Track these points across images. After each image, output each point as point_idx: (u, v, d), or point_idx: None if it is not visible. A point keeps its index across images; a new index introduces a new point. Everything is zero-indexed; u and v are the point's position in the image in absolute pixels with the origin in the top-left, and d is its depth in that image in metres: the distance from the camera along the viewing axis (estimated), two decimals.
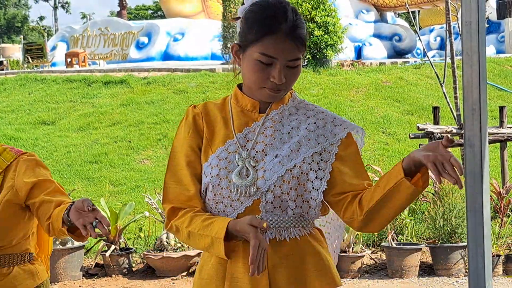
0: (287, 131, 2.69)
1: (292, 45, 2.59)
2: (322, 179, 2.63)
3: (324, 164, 2.64)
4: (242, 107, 2.75)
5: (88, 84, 17.49)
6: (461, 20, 3.01)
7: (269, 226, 2.59)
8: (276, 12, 2.60)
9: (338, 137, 2.68)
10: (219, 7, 23.94)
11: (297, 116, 2.72)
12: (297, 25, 2.60)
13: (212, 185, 2.64)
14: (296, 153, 2.63)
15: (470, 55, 3.01)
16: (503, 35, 24.97)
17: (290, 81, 2.63)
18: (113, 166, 12.66)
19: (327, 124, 2.71)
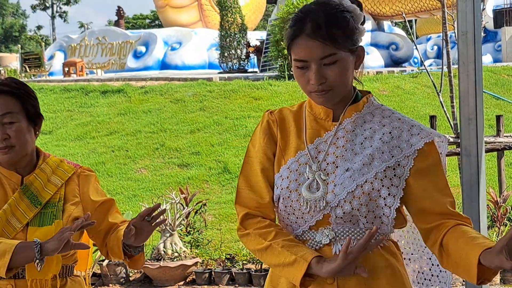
0: (360, 141, 2.58)
1: (319, 43, 2.47)
2: (395, 196, 2.51)
3: (397, 180, 2.52)
4: (315, 115, 2.65)
5: (85, 94, 17.49)
6: (457, 30, 3.02)
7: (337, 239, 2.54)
8: (300, 16, 2.54)
9: (414, 148, 2.54)
10: (217, 17, 23.98)
11: (372, 125, 2.59)
12: (325, 22, 2.49)
13: (282, 197, 2.59)
14: (368, 167, 2.52)
15: (466, 65, 3.03)
16: (499, 44, 25.02)
17: (333, 79, 2.50)
18: (110, 175, 12.65)
19: (403, 133, 2.57)
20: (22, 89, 3.12)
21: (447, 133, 10.90)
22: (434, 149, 2.58)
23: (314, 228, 2.57)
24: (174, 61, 24.93)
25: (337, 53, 2.49)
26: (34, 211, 3.04)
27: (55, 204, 3.07)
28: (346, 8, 2.56)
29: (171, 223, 8.62)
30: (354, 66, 2.57)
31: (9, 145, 3.01)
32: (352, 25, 2.54)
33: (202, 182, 12.09)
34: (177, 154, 13.28)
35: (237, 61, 22.11)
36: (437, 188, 2.55)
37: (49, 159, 3.17)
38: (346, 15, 2.54)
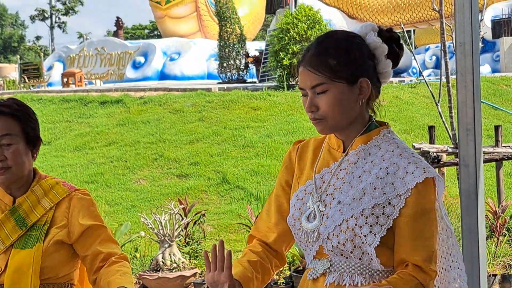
0: (358, 174, 2.55)
1: (310, 72, 2.52)
2: (376, 235, 2.46)
3: (384, 219, 2.47)
4: (330, 145, 2.66)
5: (84, 104, 17.50)
6: (455, 41, 3.02)
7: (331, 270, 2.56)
8: (307, 46, 2.61)
9: (407, 187, 2.47)
10: (216, 27, 24.00)
11: (374, 158, 2.56)
12: (316, 53, 2.54)
13: (290, 225, 2.66)
14: (357, 202, 2.50)
15: (464, 76, 3.03)
16: (498, 54, 25.04)
17: (325, 108, 2.52)
18: (109, 186, 12.64)
19: (400, 170, 2.50)
20: (23, 110, 3.11)
21: (445, 143, 10.91)
22: (428, 190, 2.50)
23: (317, 257, 2.59)
24: (173, 71, 24.96)
25: (327, 83, 2.51)
26: (19, 233, 3.04)
27: (40, 227, 3.06)
28: (356, 40, 2.58)
29: (170, 234, 8.61)
30: (356, 98, 2.55)
31: (5, 166, 3.01)
32: (355, 57, 2.54)
33: (201, 192, 12.08)
34: (176, 164, 13.27)
35: (236, 72, 22.13)
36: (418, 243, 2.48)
37: (44, 181, 3.15)
38: (351, 46, 2.56)
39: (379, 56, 2.58)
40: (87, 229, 3.07)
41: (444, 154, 9.21)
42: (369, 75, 2.56)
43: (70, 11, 75.02)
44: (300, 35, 17.37)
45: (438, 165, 9.23)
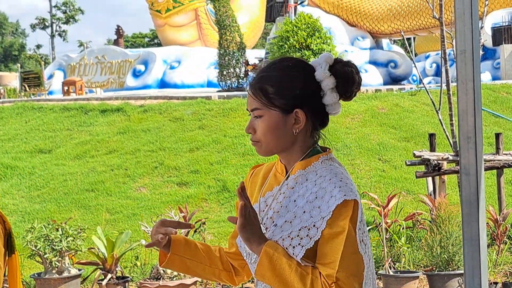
0: (294, 198, 2.60)
1: (250, 95, 2.61)
2: (297, 256, 2.51)
3: (306, 240, 2.52)
4: (277, 169, 2.73)
5: (85, 112, 17.51)
6: (456, 49, 3.02)
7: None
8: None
9: (329, 210, 2.50)
10: (215, 35, 24.04)
11: (308, 183, 2.60)
12: (258, 78, 2.62)
13: (238, 245, 2.76)
14: (288, 225, 2.56)
15: (465, 84, 3.02)
16: (498, 61, 25.05)
17: (258, 132, 2.60)
18: (110, 194, 12.64)
19: (326, 194, 2.54)
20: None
21: (446, 150, 10.91)
22: (344, 212, 2.51)
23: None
24: (173, 79, 24.98)
25: (261, 108, 2.59)
26: None
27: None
28: (302, 69, 2.62)
29: None
30: (291, 127, 2.60)
31: None
32: (294, 86, 2.59)
33: (201, 200, 12.07)
34: (176, 172, 13.27)
35: (236, 80, 22.15)
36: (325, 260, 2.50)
37: None
38: (293, 75, 2.60)
39: (325, 88, 2.62)
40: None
41: (445, 162, 9.21)
42: (308, 106, 2.60)
43: (70, 19, 75.13)
44: (300, 43, 17.39)
45: (439, 173, 9.23)
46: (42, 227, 8.67)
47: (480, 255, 3.21)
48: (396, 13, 26.10)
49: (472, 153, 2.99)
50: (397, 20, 26.01)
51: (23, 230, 8.87)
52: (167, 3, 28.14)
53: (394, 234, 9.05)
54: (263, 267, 2.50)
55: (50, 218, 10.28)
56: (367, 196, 10.56)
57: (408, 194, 11.91)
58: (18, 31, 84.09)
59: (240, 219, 2.51)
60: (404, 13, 25.99)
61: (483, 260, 3.30)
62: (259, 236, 2.54)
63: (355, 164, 13.30)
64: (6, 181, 13.45)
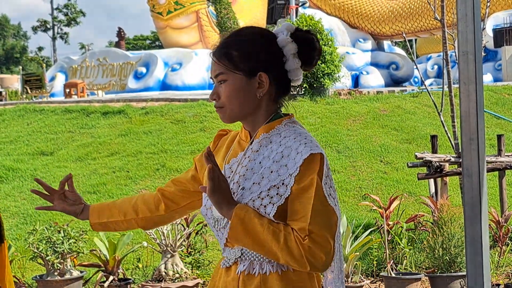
0: (259, 161, 2.65)
1: (214, 62, 2.67)
2: (270, 214, 2.54)
3: (277, 198, 2.55)
4: (240, 137, 2.79)
5: (86, 115, 17.51)
6: (458, 51, 3.02)
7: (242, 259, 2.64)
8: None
9: (296, 166, 2.55)
10: (217, 37, 24.01)
11: (272, 145, 2.66)
12: (223, 44, 2.69)
13: (203, 214, 2.76)
14: (257, 186, 2.59)
15: (467, 85, 3.02)
16: (500, 63, 25.05)
17: (222, 97, 2.66)
18: (112, 196, 12.63)
19: (292, 151, 2.58)
20: None
21: (448, 152, 10.91)
22: (311, 167, 2.55)
23: (229, 245, 2.67)
24: (175, 81, 24.97)
25: (225, 73, 2.65)
26: None
27: None
28: (264, 36, 2.70)
29: (172, 244, 8.60)
30: (255, 91, 2.66)
31: None
32: (257, 51, 2.66)
33: None
34: (177, 174, 13.25)
35: None
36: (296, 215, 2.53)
37: None
38: (256, 41, 2.68)
39: (287, 54, 2.68)
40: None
41: (447, 164, 9.20)
42: (271, 70, 2.66)
43: (72, 22, 75.17)
44: None
45: (441, 175, 9.23)
46: (44, 229, 8.67)
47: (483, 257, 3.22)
48: (398, 15, 26.10)
49: (474, 155, 3.00)
50: (398, 21, 26.01)
51: (25, 232, 8.87)
52: (168, 5, 28.13)
53: (396, 236, 9.05)
54: (235, 229, 2.51)
55: (52, 220, 10.28)
56: (369, 198, 10.56)
57: (410, 196, 11.90)
58: (20, 33, 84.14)
59: (209, 182, 2.53)
60: (405, 14, 25.99)
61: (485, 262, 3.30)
62: (229, 200, 2.56)
63: (356, 166, 13.29)
64: (8, 183, 13.45)
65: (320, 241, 2.48)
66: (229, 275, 2.65)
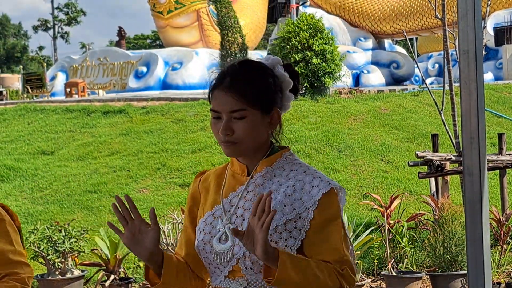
0: None
1: (231, 97, 2.62)
2: (292, 247, 2.56)
3: (297, 232, 2.57)
4: (234, 171, 2.76)
5: (87, 114, 17.51)
6: (458, 49, 3.01)
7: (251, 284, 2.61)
8: (223, 71, 2.72)
9: (314, 199, 2.58)
10: (217, 36, 24.04)
11: (279, 178, 2.66)
12: (238, 79, 2.65)
13: (199, 249, 2.72)
14: None
15: (468, 84, 3.02)
16: (501, 61, 25.03)
17: (241, 133, 2.62)
18: (112, 195, 12.63)
19: (306, 185, 2.62)
20: None
21: (449, 151, 10.90)
22: (333, 200, 2.61)
23: (231, 277, 2.65)
24: (175, 81, 24.96)
25: (247, 109, 2.62)
26: None
27: None
28: (269, 72, 2.70)
29: (173, 243, 8.60)
30: (268, 126, 2.68)
31: None
32: (270, 88, 2.66)
33: None
34: (178, 174, 13.27)
35: None
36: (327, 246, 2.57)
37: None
38: (266, 78, 2.67)
39: (285, 89, 2.73)
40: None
41: (448, 163, 9.20)
42: (279, 105, 2.71)
43: (72, 21, 75.15)
44: (302, 44, 17.38)
45: (442, 174, 9.22)
46: (45, 228, 8.68)
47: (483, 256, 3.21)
48: (399, 14, 26.09)
49: (475, 153, 2.99)
50: (399, 20, 26.00)
51: (26, 231, 8.88)
52: (168, 4, 28.13)
53: (396, 235, 9.05)
54: (285, 265, 2.45)
55: (53, 220, 10.29)
56: (370, 197, 10.55)
57: (411, 195, 11.90)
58: (21, 33, 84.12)
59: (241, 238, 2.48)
60: (406, 13, 25.98)
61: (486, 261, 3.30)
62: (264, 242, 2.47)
63: (357, 165, 13.29)
64: (8, 183, 13.45)
65: (352, 267, 2.59)
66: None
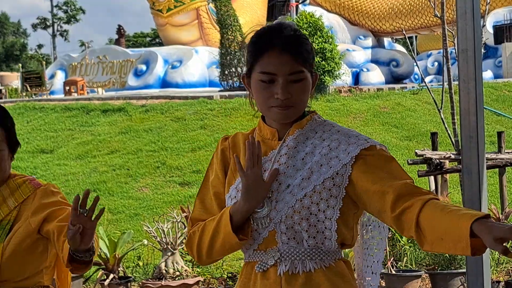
0: (301, 157, 2.60)
1: (289, 58, 2.54)
2: (335, 207, 2.52)
3: (336, 190, 2.52)
4: (263, 136, 2.70)
5: (86, 112, 17.51)
6: (458, 48, 3.01)
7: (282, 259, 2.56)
8: (270, 31, 2.61)
9: (351, 155, 2.54)
10: (217, 34, 24.03)
11: (313, 140, 2.62)
12: (294, 39, 2.58)
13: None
14: (307, 182, 2.54)
15: (466, 83, 3.02)
16: (500, 59, 25.04)
17: (297, 96, 2.56)
18: (112, 194, 12.63)
19: (341, 143, 2.58)
20: (8, 118, 3.15)
21: (448, 149, 10.90)
22: (376, 152, 2.58)
23: (262, 248, 2.58)
24: (175, 79, 24.95)
25: (304, 71, 2.57)
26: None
27: (3, 227, 3.05)
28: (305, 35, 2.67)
29: (173, 242, 8.60)
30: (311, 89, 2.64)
31: None
32: (312, 50, 2.64)
33: None
34: (178, 172, 13.27)
35: (238, 79, 22.13)
36: (389, 175, 2.51)
37: (12, 180, 3.16)
38: (307, 39, 2.65)
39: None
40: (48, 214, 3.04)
41: (447, 161, 9.19)
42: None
43: (71, 19, 75.15)
44: None
45: (441, 172, 9.22)
46: None
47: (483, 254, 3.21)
48: (398, 12, 26.10)
49: (474, 152, 2.99)
50: (399, 18, 26.00)
51: None
52: (168, 2, 28.11)
53: (396, 233, 9.04)
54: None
55: None
56: None
57: None
58: (20, 31, 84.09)
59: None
60: (405, 11, 25.98)
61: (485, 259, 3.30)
62: None
63: None
64: None
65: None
66: (268, 278, 2.57)
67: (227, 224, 2.54)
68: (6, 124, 3.12)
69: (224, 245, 2.59)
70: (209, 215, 2.68)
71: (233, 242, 2.54)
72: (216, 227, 2.59)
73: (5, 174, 3.12)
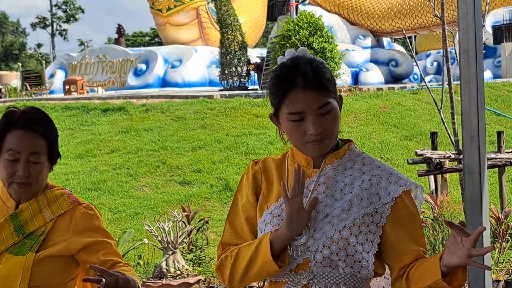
0: (340, 188, 2.62)
1: (314, 93, 2.55)
2: (373, 242, 2.56)
3: (374, 227, 2.57)
4: (297, 163, 2.68)
5: (86, 112, 17.52)
6: (459, 48, 3.03)
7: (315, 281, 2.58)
8: (288, 70, 2.60)
9: (392, 196, 2.58)
10: (217, 34, 24.04)
11: (352, 172, 2.64)
12: (313, 73, 2.58)
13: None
14: (347, 213, 2.56)
15: (468, 83, 3.04)
16: (499, 59, 25.05)
17: (329, 127, 2.58)
18: (112, 193, 12.65)
19: (382, 181, 2.61)
20: (52, 129, 3.12)
21: (448, 149, 10.92)
22: (411, 199, 2.64)
23: (295, 271, 2.60)
24: (175, 78, 24.97)
25: (331, 101, 2.59)
26: (15, 239, 3.03)
27: (37, 237, 3.04)
28: (321, 61, 2.66)
29: (173, 241, 8.62)
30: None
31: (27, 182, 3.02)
32: (331, 76, 2.64)
33: (204, 199, 12.09)
34: (178, 171, 13.28)
35: (238, 79, 22.14)
36: (412, 239, 2.62)
37: (50, 191, 3.14)
38: (325, 67, 2.64)
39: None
40: (91, 244, 3.04)
41: (447, 160, 9.21)
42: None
43: (71, 18, 75.08)
44: (301, 42, 17.39)
45: (441, 171, 9.24)
46: None
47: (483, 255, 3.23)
48: (397, 12, 26.10)
49: (475, 152, 3.01)
50: (398, 18, 26.00)
51: None
52: (168, 2, 28.11)
53: None
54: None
55: None
56: None
57: None
58: (19, 30, 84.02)
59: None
60: (405, 11, 25.99)
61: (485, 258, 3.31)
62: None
63: None
64: None
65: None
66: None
67: (267, 252, 2.55)
68: (49, 136, 3.10)
69: (261, 272, 2.60)
70: (240, 240, 2.69)
71: (272, 270, 2.56)
72: (254, 254, 2.59)
73: (41, 186, 3.09)
